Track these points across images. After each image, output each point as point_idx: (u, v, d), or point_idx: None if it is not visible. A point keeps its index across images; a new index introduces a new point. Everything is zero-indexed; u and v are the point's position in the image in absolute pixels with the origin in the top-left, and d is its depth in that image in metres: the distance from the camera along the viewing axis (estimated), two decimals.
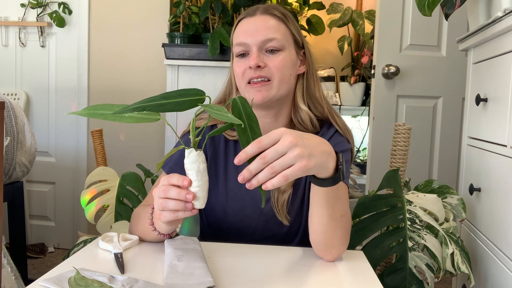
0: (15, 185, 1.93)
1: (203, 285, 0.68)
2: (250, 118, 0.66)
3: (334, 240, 0.83)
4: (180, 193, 0.69)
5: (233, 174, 1.03)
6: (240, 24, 1.00)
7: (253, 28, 0.96)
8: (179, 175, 0.70)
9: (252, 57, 0.95)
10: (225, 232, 1.04)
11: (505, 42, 1.13)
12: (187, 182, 0.69)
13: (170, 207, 0.70)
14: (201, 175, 0.69)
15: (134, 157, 2.48)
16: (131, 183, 1.33)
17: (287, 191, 0.97)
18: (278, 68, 0.95)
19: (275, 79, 0.95)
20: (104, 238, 0.88)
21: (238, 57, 0.98)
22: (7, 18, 2.64)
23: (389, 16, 2.18)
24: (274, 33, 0.96)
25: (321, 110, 1.02)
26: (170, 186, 0.70)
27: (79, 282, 0.64)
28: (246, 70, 0.96)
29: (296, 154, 0.64)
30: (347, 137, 1.01)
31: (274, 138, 0.65)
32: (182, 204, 0.69)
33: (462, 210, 1.20)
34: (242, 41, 0.96)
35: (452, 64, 2.22)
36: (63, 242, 2.71)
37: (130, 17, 2.60)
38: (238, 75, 0.98)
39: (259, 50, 0.95)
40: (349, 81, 2.46)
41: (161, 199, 0.71)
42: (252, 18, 0.98)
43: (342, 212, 0.82)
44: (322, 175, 0.73)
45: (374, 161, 2.21)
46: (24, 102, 2.61)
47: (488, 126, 1.24)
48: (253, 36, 0.95)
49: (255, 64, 0.93)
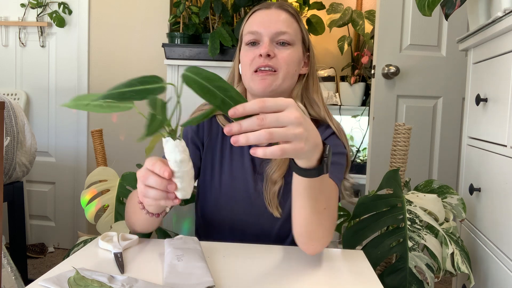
0: (15, 185, 1.93)
1: (203, 285, 0.68)
2: (210, 80, 0.57)
3: (317, 233, 0.81)
4: (161, 183, 0.66)
5: (228, 166, 1.04)
6: (254, 15, 1.02)
7: (267, 20, 0.99)
8: (162, 164, 0.66)
9: (263, 45, 0.97)
10: (217, 225, 1.04)
11: (505, 42, 1.13)
12: (167, 174, 0.65)
13: (150, 195, 0.68)
14: (178, 166, 0.65)
15: (134, 157, 2.48)
16: (131, 183, 1.33)
17: (278, 183, 0.98)
18: (286, 61, 0.97)
19: (282, 71, 0.97)
20: (104, 238, 0.88)
21: (248, 45, 1.00)
22: (7, 18, 2.65)
23: (389, 16, 2.18)
24: (287, 27, 0.99)
25: (317, 111, 1.03)
26: (150, 173, 0.67)
27: (78, 282, 0.64)
28: (255, 58, 0.97)
29: (297, 132, 0.60)
30: (342, 141, 1.01)
31: (280, 105, 0.59)
32: (163, 194, 0.67)
33: (462, 210, 1.20)
34: (255, 30, 0.98)
35: (452, 64, 2.22)
36: (63, 242, 2.71)
37: (130, 17, 2.60)
38: (245, 63, 1.00)
39: (271, 40, 0.98)
40: (349, 81, 2.46)
41: (142, 185, 0.69)
42: (267, 11, 1.01)
43: (325, 205, 0.79)
44: (304, 164, 0.68)
45: (374, 161, 2.21)
46: (24, 102, 2.61)
47: (488, 126, 1.24)
48: (266, 27, 0.98)
49: (266, 52, 0.95)
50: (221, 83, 0.57)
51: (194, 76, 0.57)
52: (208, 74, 0.58)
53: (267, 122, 0.57)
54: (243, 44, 1.02)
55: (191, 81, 0.57)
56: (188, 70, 0.58)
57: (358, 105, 2.49)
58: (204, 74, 0.58)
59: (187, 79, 0.57)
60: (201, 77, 0.57)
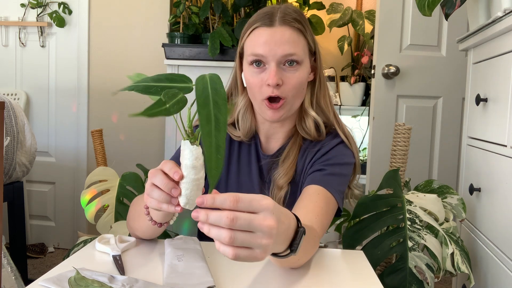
0: (15, 185, 1.93)
1: (203, 285, 0.68)
2: (217, 94, 0.53)
3: (296, 264, 0.78)
4: (166, 184, 0.62)
5: (235, 172, 1.03)
6: (256, 32, 0.94)
7: (271, 41, 0.92)
8: (173, 165, 0.63)
9: (271, 74, 0.91)
10: None
11: (505, 42, 1.13)
12: (178, 176, 0.61)
13: (154, 195, 0.64)
14: (187, 172, 0.60)
15: (134, 157, 2.47)
16: (131, 183, 1.33)
17: (284, 188, 0.97)
18: (295, 87, 0.94)
19: (291, 96, 0.94)
20: (101, 240, 0.87)
21: (252, 65, 0.95)
22: (7, 18, 2.64)
23: (389, 16, 2.18)
24: (294, 48, 0.92)
25: (327, 116, 1.02)
26: (159, 171, 0.64)
27: (79, 282, 0.64)
28: (263, 86, 0.93)
29: (264, 243, 0.53)
30: (352, 150, 1.00)
31: (254, 208, 0.53)
32: (166, 196, 0.63)
33: (462, 210, 1.20)
34: (260, 53, 0.92)
35: (452, 64, 2.22)
36: (63, 242, 2.71)
37: (130, 17, 2.60)
38: (252, 86, 0.95)
39: (277, 65, 0.92)
40: (349, 81, 2.46)
41: (149, 184, 0.66)
42: (270, 29, 0.93)
43: (305, 252, 0.74)
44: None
45: (374, 161, 2.21)
46: (24, 102, 2.61)
47: (488, 126, 1.24)
48: (272, 50, 0.91)
49: (275, 83, 0.91)
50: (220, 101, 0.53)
51: (207, 79, 0.55)
52: (219, 88, 0.54)
53: (237, 226, 0.51)
54: (246, 62, 0.96)
55: (200, 83, 0.55)
56: (210, 75, 0.56)
57: (358, 105, 2.49)
58: (217, 86, 0.54)
59: (200, 79, 0.55)
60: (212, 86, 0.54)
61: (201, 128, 0.51)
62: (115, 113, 2.64)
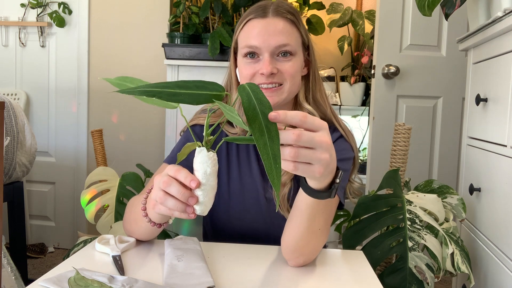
0: (15, 185, 1.93)
1: (203, 285, 0.68)
2: (262, 103, 0.55)
3: (305, 250, 0.81)
4: (183, 193, 0.62)
5: (236, 174, 1.02)
6: (249, 24, 0.95)
7: (265, 32, 0.92)
8: (189, 173, 0.62)
9: (264, 64, 0.92)
10: (228, 233, 1.03)
11: (505, 42, 1.13)
12: (195, 184, 0.61)
13: (169, 205, 0.64)
14: (206, 179, 0.61)
15: (134, 157, 2.48)
16: (131, 183, 1.33)
17: (288, 185, 0.97)
18: (290, 74, 0.93)
19: (287, 84, 0.94)
20: (101, 241, 0.87)
21: (246, 57, 0.95)
22: (7, 18, 2.64)
23: (389, 16, 2.18)
24: (287, 39, 0.93)
25: (323, 111, 1.01)
26: (173, 180, 0.63)
27: (79, 282, 0.64)
28: (256, 74, 0.93)
29: (322, 158, 0.58)
30: (351, 143, 1.00)
31: (316, 125, 0.58)
32: (182, 205, 0.63)
33: (462, 210, 1.20)
34: (254, 45, 0.92)
35: (452, 64, 2.22)
36: (63, 242, 2.71)
37: (130, 17, 2.60)
38: (245, 76, 0.95)
39: (271, 55, 0.92)
40: (349, 81, 2.46)
41: (161, 192, 0.64)
42: (263, 20, 0.93)
43: (321, 226, 0.79)
44: (314, 185, 0.68)
45: (374, 161, 2.21)
46: (24, 102, 2.61)
47: (488, 126, 1.24)
48: (265, 41, 0.91)
49: (269, 72, 0.91)
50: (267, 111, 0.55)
51: (249, 90, 0.56)
52: (262, 97, 0.56)
53: (302, 141, 0.56)
54: (240, 55, 0.97)
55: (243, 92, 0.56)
56: (248, 84, 0.57)
57: (358, 105, 2.49)
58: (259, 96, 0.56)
59: (242, 89, 0.56)
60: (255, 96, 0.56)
61: (256, 141, 0.52)
62: (115, 113, 2.64)
